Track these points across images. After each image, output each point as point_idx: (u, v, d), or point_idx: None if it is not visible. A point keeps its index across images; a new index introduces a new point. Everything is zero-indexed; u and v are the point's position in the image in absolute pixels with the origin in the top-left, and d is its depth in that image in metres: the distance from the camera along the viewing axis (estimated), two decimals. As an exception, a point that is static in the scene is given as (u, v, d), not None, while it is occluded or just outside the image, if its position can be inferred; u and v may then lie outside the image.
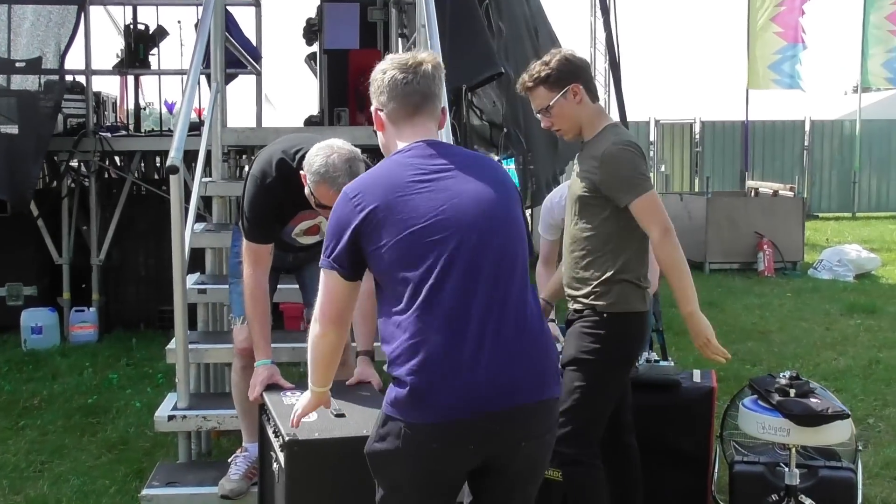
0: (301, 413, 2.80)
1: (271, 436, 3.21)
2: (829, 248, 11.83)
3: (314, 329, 2.54)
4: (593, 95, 3.38)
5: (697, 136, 19.65)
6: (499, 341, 2.37)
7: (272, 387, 3.50)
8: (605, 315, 3.28)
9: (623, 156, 3.23)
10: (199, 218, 5.02)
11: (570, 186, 3.49)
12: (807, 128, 19.88)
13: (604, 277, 3.29)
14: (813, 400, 3.56)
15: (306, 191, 3.45)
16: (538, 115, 3.42)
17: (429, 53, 2.72)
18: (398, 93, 2.61)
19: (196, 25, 5.53)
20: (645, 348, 3.77)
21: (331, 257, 2.45)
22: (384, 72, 2.64)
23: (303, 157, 3.56)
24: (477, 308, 2.36)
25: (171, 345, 4.23)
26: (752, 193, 12.15)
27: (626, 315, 3.31)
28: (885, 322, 8.27)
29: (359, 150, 3.45)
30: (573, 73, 3.31)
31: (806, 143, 19.82)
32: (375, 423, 2.48)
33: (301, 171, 3.44)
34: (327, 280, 2.48)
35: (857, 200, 19.81)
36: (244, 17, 8.76)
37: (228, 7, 6.94)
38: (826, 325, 8.19)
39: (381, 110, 2.65)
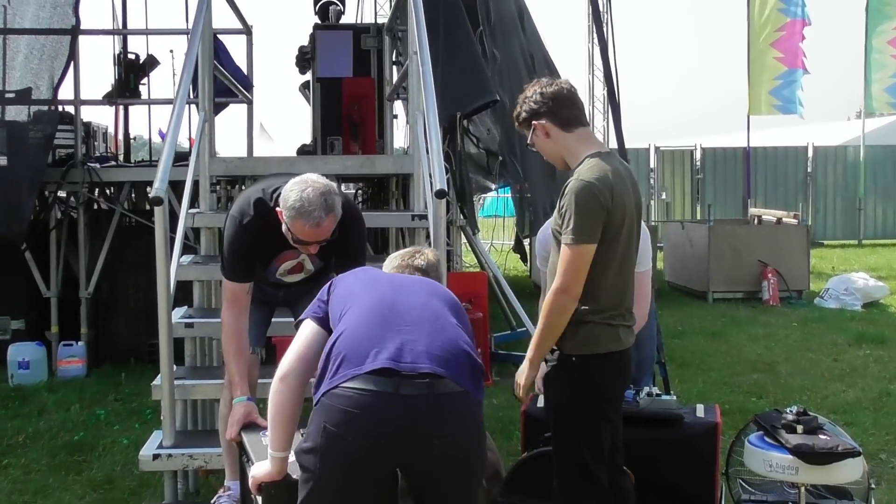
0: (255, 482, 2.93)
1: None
2: (835, 276, 11.79)
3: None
4: (569, 123, 3.31)
5: (698, 163, 19.69)
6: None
7: (250, 426, 3.47)
8: (572, 358, 3.22)
9: (578, 192, 3.13)
10: (188, 249, 4.97)
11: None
12: (810, 154, 19.94)
13: (571, 319, 3.20)
14: (822, 437, 3.51)
15: (283, 227, 3.43)
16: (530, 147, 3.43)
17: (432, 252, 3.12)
18: None
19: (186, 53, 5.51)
20: (629, 383, 3.66)
21: None
22: None
23: (270, 207, 3.58)
24: None
25: (157, 381, 4.16)
26: (756, 221, 12.14)
27: (595, 357, 3.22)
28: (895, 352, 8.20)
29: (334, 184, 3.47)
30: (535, 111, 3.30)
31: (809, 170, 19.87)
32: None
33: (277, 209, 3.43)
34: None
35: (862, 227, 19.83)
36: (235, 45, 8.75)
37: (219, 35, 6.95)
38: (834, 356, 8.12)
39: None
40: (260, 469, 2.93)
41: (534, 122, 3.29)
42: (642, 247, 4.44)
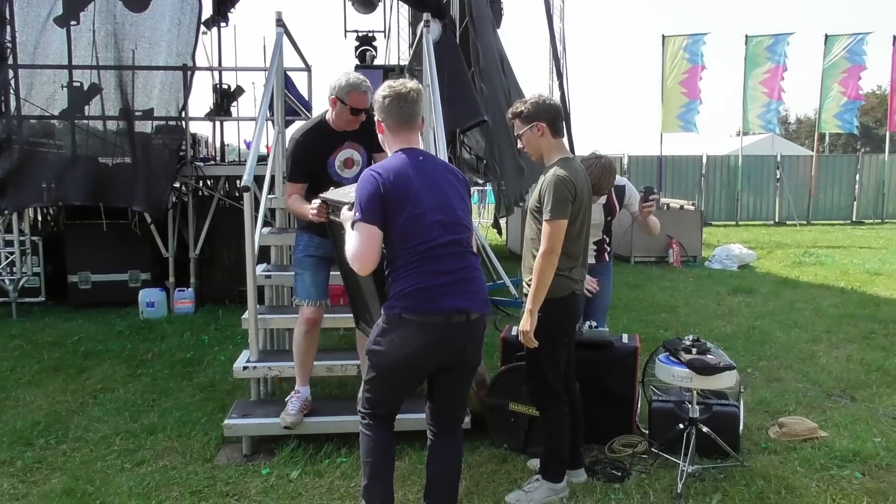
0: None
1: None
2: (719, 246, 11.79)
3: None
4: (555, 133, 3.30)
5: (626, 166, 19.61)
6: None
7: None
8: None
9: (555, 184, 3.13)
10: (266, 224, 4.97)
11: (529, 198, 3.43)
12: (704, 161, 19.87)
13: None
14: (709, 356, 3.52)
15: (336, 111, 3.61)
16: (516, 138, 3.37)
17: (414, 82, 2.87)
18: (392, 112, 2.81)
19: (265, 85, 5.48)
20: (579, 319, 3.66)
21: None
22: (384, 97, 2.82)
23: (316, 120, 3.79)
24: None
25: (245, 315, 4.18)
26: (665, 207, 12.09)
27: (555, 300, 3.22)
28: (759, 299, 8.23)
29: None
30: (539, 113, 3.26)
31: (703, 172, 19.81)
32: None
33: (331, 97, 3.61)
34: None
35: (739, 213, 19.85)
36: (299, 79, 8.71)
37: (287, 72, 6.88)
38: (717, 302, 8.14)
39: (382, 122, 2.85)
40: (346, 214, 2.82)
41: (536, 121, 3.25)
42: (630, 196, 4.49)
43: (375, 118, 2.85)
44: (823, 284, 9.21)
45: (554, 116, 3.27)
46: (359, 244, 2.60)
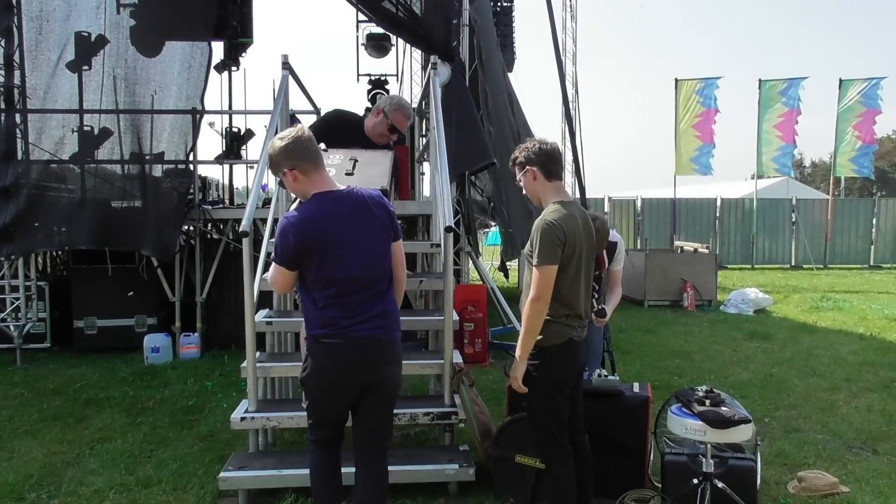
0: None
1: None
2: (734, 290, 11.63)
3: None
4: (549, 176, 3.24)
5: (639, 209, 19.57)
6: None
7: None
8: (538, 348, 3.13)
9: (542, 229, 3.07)
10: (267, 267, 4.93)
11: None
12: (718, 203, 19.81)
13: None
14: (723, 408, 3.39)
15: (377, 121, 4.02)
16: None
17: (298, 128, 2.93)
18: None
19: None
20: (581, 367, 3.53)
21: None
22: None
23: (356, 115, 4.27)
24: None
25: (244, 363, 4.10)
26: (679, 250, 12.00)
27: (553, 347, 3.14)
28: (776, 345, 8.06)
29: None
30: (531, 160, 3.23)
31: (717, 215, 19.73)
32: None
33: (377, 108, 4.05)
34: None
35: (754, 256, 19.70)
36: (306, 120, 8.78)
37: (296, 114, 6.92)
38: (733, 348, 7.98)
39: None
40: None
41: (528, 167, 3.23)
42: (618, 254, 4.42)
43: (283, 171, 2.88)
44: (842, 330, 9.02)
45: (545, 160, 3.23)
46: (275, 276, 2.93)
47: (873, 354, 7.44)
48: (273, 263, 2.92)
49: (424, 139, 8.41)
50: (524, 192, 3.33)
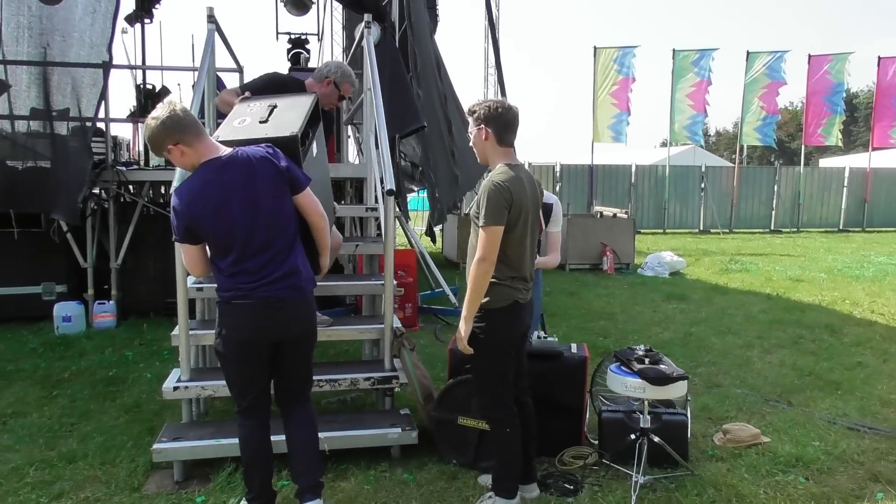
0: None
1: None
2: (650, 254, 12.04)
3: None
4: (501, 142, 3.21)
5: (558, 175, 19.90)
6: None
7: None
8: (483, 310, 3.13)
9: (490, 191, 3.06)
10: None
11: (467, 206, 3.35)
12: (633, 170, 20.37)
13: None
14: (662, 366, 3.50)
15: (328, 91, 4.24)
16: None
17: (168, 102, 2.86)
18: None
19: (193, 86, 5.19)
20: (526, 329, 3.56)
21: None
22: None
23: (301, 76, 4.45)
24: None
25: (175, 331, 3.92)
26: (599, 215, 12.28)
27: (499, 309, 3.15)
28: (692, 306, 8.42)
29: None
30: (489, 118, 3.18)
31: (632, 181, 20.30)
32: None
33: (326, 79, 4.27)
34: None
35: (666, 221, 20.43)
36: (230, 80, 8.39)
37: (218, 72, 6.59)
38: (653, 309, 8.28)
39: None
40: None
41: (483, 124, 3.18)
42: (555, 215, 4.42)
43: (168, 148, 2.81)
44: (751, 291, 9.51)
45: (503, 125, 3.19)
46: (185, 258, 2.94)
47: (781, 313, 7.89)
48: (176, 244, 2.94)
49: (350, 102, 8.21)
50: (471, 143, 3.28)
